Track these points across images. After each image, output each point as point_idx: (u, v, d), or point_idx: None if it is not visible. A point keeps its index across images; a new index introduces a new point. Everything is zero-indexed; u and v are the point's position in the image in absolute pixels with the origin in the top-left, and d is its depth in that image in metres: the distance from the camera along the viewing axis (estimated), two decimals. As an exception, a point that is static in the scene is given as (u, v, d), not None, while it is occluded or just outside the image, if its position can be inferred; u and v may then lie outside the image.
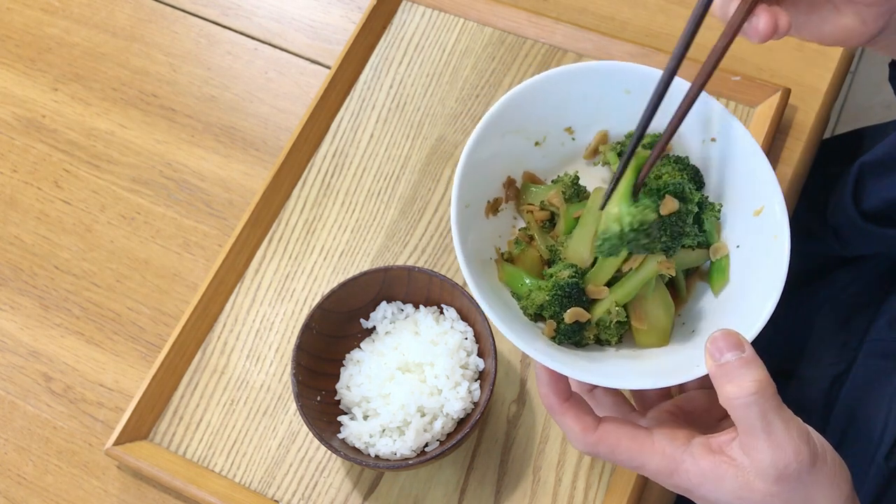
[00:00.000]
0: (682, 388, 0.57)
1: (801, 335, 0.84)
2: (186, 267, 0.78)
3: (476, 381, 0.66)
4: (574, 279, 0.55)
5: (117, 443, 0.70)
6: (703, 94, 0.55)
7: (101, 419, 0.73)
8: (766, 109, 0.75)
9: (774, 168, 0.76)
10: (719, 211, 0.57)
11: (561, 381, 0.52)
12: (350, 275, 0.72)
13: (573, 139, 0.60)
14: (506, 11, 0.82)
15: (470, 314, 0.67)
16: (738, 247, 0.56)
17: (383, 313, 0.69)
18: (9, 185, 0.83)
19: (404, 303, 0.70)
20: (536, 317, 0.57)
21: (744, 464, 0.48)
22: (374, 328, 0.70)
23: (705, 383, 0.56)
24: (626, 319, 0.56)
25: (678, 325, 0.57)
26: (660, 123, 0.54)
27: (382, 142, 0.80)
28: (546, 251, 0.58)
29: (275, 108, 0.84)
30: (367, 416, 0.66)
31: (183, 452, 0.71)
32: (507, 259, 0.59)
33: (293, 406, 0.71)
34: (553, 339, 0.55)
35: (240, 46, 0.87)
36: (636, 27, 0.82)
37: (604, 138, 0.60)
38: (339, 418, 0.66)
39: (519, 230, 0.60)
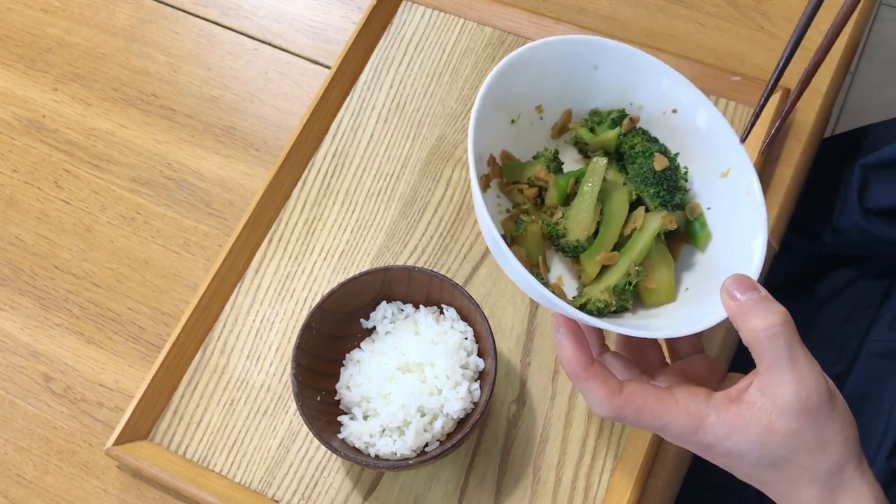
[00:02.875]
0: (674, 354, 0.58)
1: (800, 335, 0.84)
2: (186, 267, 0.78)
3: (476, 381, 0.66)
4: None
5: (117, 443, 0.70)
6: (661, 70, 0.57)
7: (101, 419, 0.73)
8: (766, 109, 0.75)
9: (774, 168, 0.76)
10: (686, 174, 0.59)
11: (584, 348, 0.52)
12: (350, 275, 0.72)
13: (541, 118, 0.61)
14: (506, 11, 0.82)
15: (470, 314, 0.67)
16: (708, 208, 0.58)
17: (383, 313, 0.69)
18: (9, 185, 0.83)
19: (404, 303, 0.70)
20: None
21: (764, 406, 0.48)
22: (374, 328, 0.70)
23: (698, 346, 0.57)
24: (638, 280, 0.57)
25: None
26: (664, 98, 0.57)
27: (382, 142, 0.80)
28: (546, 226, 0.58)
29: (275, 108, 0.84)
30: (367, 416, 0.66)
31: (183, 452, 0.71)
32: (510, 241, 0.59)
33: (293, 406, 0.71)
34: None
35: (240, 47, 0.87)
36: (636, 27, 0.82)
37: (568, 117, 0.61)
38: (339, 418, 0.66)
39: (512, 209, 0.60)
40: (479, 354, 0.67)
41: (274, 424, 0.71)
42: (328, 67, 0.85)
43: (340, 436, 0.65)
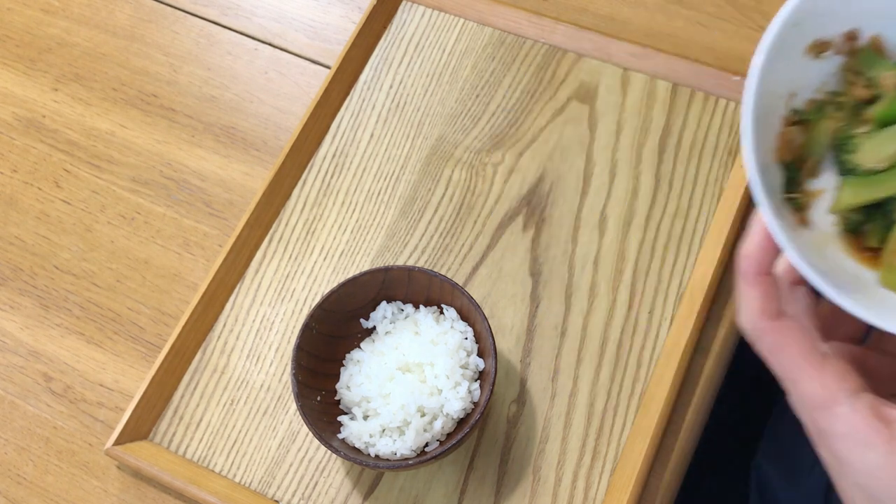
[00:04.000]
0: (878, 341, 0.51)
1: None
2: (186, 267, 0.78)
3: (476, 381, 0.66)
4: None
5: (117, 443, 0.70)
6: None
7: (101, 419, 0.73)
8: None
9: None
10: None
11: (771, 252, 0.45)
12: (350, 275, 0.72)
13: None
14: (506, 11, 0.82)
15: (470, 314, 0.67)
16: None
17: (383, 313, 0.69)
18: (9, 185, 0.83)
19: (404, 303, 0.70)
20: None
21: None
22: (374, 328, 0.70)
23: None
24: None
25: None
26: None
27: (382, 142, 0.80)
28: (841, 131, 0.48)
29: (275, 108, 0.84)
30: (367, 416, 0.66)
31: (183, 452, 0.71)
32: (797, 120, 0.49)
33: (293, 406, 0.71)
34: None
35: (240, 46, 0.87)
36: (636, 27, 0.82)
37: None
38: (339, 418, 0.66)
39: (828, 92, 0.49)
40: (479, 354, 0.67)
41: (274, 424, 0.71)
42: (328, 67, 0.85)
43: (340, 436, 0.65)
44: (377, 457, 0.64)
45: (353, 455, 0.64)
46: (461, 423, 0.65)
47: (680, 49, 0.81)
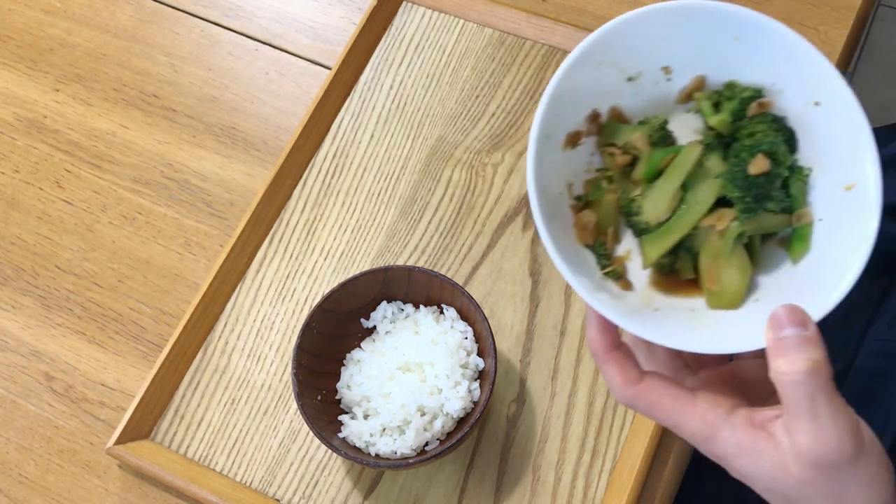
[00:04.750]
0: (738, 353, 0.54)
1: None
2: (188, 267, 0.78)
3: (476, 380, 0.67)
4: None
5: (119, 442, 0.70)
6: (818, 55, 0.52)
7: (102, 418, 0.74)
8: (765, 110, 0.75)
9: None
10: (808, 176, 0.53)
11: (611, 330, 0.49)
12: (350, 275, 0.72)
13: (669, 80, 0.55)
14: (505, 12, 0.83)
15: (470, 314, 0.68)
16: (820, 220, 0.53)
17: (383, 313, 0.69)
18: (10, 185, 0.83)
19: (404, 303, 0.70)
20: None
21: (783, 444, 0.46)
22: (374, 328, 0.70)
23: (763, 352, 0.53)
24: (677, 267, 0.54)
25: None
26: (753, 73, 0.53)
27: (383, 142, 0.80)
28: (622, 199, 0.54)
29: (275, 108, 0.84)
30: (368, 416, 0.66)
31: (184, 452, 0.71)
32: (584, 204, 0.55)
33: (294, 405, 0.71)
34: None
35: (241, 47, 0.87)
36: (635, 28, 0.82)
37: (700, 84, 0.55)
38: (340, 417, 0.67)
39: (597, 170, 0.55)
40: (479, 354, 0.67)
41: (275, 424, 0.71)
42: (328, 68, 0.85)
43: (341, 435, 0.66)
44: (377, 456, 0.65)
45: (353, 454, 0.64)
46: (461, 422, 0.66)
47: (679, 50, 0.81)
